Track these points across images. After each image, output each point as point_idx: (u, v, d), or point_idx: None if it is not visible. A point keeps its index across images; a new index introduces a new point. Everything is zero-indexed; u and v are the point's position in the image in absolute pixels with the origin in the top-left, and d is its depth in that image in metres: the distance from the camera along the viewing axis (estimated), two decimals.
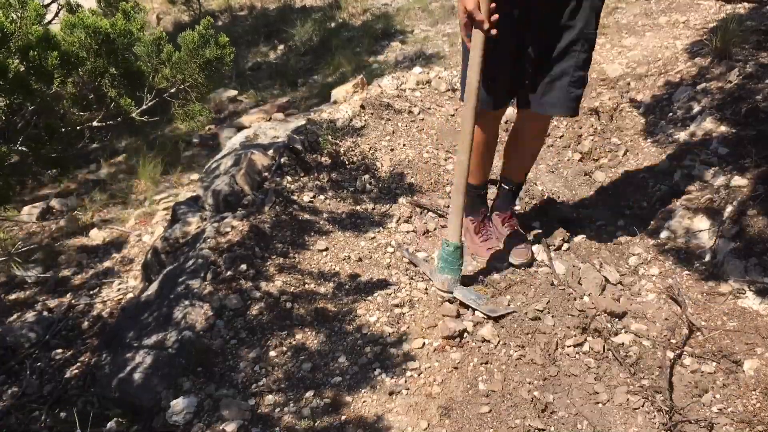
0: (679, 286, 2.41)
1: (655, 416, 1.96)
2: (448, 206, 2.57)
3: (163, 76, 2.12)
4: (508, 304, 2.31)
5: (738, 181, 2.58)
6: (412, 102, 3.76)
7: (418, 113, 3.67)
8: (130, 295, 3.04)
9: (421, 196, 3.01)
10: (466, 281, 2.39)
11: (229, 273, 2.46)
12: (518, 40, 2.17)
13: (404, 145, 3.40)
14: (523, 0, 2.09)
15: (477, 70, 2.08)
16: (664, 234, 2.65)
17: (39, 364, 2.63)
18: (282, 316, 2.34)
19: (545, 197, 3.09)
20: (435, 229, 2.83)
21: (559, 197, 3.09)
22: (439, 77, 4.11)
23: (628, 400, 2.02)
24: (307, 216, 2.80)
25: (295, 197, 2.87)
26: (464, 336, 2.23)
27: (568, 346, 2.19)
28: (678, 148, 3.03)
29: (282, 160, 3.02)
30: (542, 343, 2.21)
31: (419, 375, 2.12)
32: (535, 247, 2.63)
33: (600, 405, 2.01)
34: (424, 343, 2.23)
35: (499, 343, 2.21)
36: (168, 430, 2.02)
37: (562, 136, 3.54)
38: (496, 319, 2.23)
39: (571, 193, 3.12)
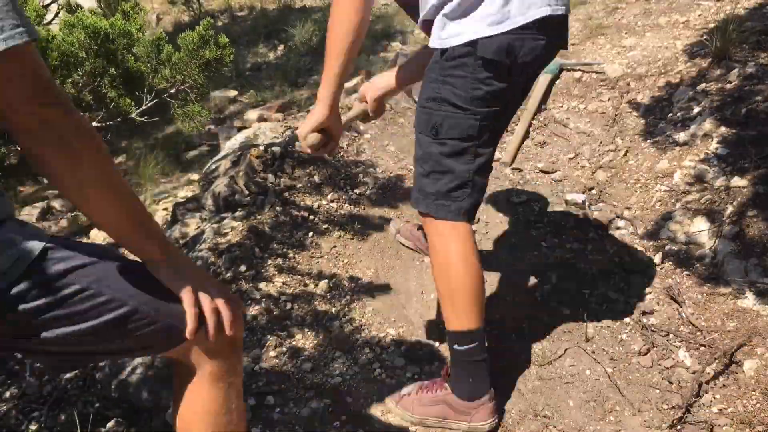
0: (679, 286, 2.41)
1: (655, 416, 1.96)
2: None
3: (163, 76, 2.12)
4: None
5: (738, 181, 2.58)
6: (412, 102, 3.75)
7: None
8: None
9: None
10: None
11: (228, 274, 2.46)
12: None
13: (404, 145, 3.40)
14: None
15: None
16: (664, 234, 2.64)
17: (38, 364, 2.62)
18: (281, 317, 2.34)
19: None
20: None
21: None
22: None
23: (632, 400, 2.01)
24: (306, 216, 2.79)
25: (294, 198, 2.87)
26: None
27: (568, 348, 2.20)
28: (678, 149, 3.03)
29: (282, 160, 3.02)
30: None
31: (419, 375, 2.12)
32: None
33: (603, 406, 2.01)
34: (425, 344, 2.23)
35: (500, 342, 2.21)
36: (168, 430, 2.02)
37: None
38: None
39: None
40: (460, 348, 1.79)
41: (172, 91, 2.18)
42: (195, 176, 4.18)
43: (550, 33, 1.64)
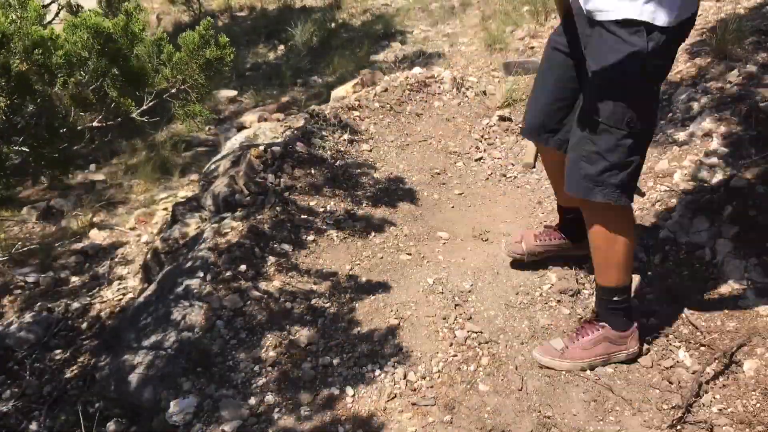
0: (679, 286, 2.41)
1: (655, 416, 1.96)
2: None
3: (164, 76, 2.12)
4: None
5: (738, 181, 2.58)
6: (411, 102, 3.76)
7: (418, 114, 3.67)
8: (130, 295, 3.04)
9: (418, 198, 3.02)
10: None
11: (228, 273, 2.46)
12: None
13: (404, 145, 3.40)
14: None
15: None
16: (663, 234, 2.65)
17: (38, 364, 2.63)
18: (281, 316, 2.34)
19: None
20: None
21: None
22: (440, 77, 4.11)
23: (632, 400, 2.01)
24: (305, 216, 2.80)
25: (294, 198, 2.87)
26: (467, 338, 2.24)
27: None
28: (678, 149, 3.03)
29: (281, 160, 3.02)
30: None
31: (420, 376, 2.12)
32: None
33: (603, 406, 2.01)
34: (424, 344, 2.23)
35: (502, 343, 2.21)
36: (168, 430, 2.02)
37: None
38: None
39: None
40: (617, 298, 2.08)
41: (173, 90, 2.18)
42: (195, 176, 4.18)
43: None
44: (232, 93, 5.44)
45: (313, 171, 3.04)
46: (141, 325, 2.42)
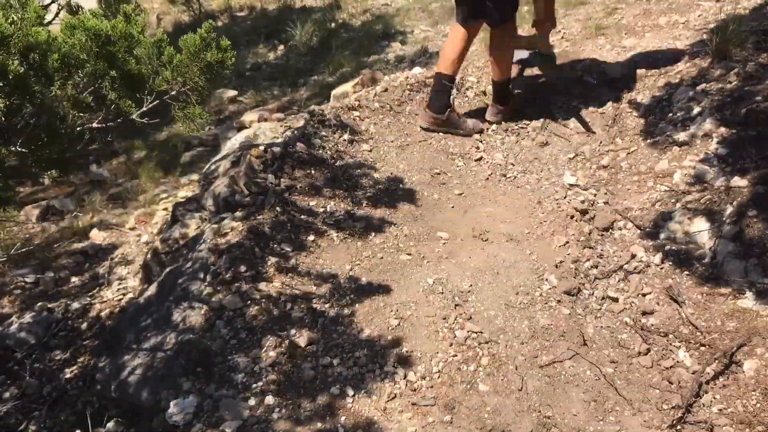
0: (679, 286, 2.41)
1: (655, 416, 1.96)
2: None
3: (164, 78, 2.12)
4: None
5: (738, 181, 2.58)
6: (411, 102, 3.75)
7: (418, 114, 3.67)
8: (130, 296, 3.04)
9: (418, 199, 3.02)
10: None
11: (228, 274, 2.46)
12: None
13: (404, 145, 3.40)
14: None
15: None
16: (663, 234, 2.64)
17: (38, 364, 2.63)
18: (281, 317, 2.34)
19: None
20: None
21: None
22: None
23: (632, 400, 2.02)
24: (305, 217, 2.80)
25: (294, 198, 2.87)
26: (467, 338, 2.24)
27: (568, 348, 2.20)
28: (678, 149, 3.03)
29: (281, 160, 3.02)
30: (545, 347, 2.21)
31: (420, 376, 2.12)
32: None
33: (603, 406, 2.01)
34: (424, 344, 2.23)
35: (502, 343, 2.21)
36: (167, 430, 2.02)
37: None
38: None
39: None
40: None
41: (173, 92, 2.18)
42: (195, 176, 4.18)
43: None
44: (232, 93, 5.43)
45: (313, 171, 3.04)
46: (141, 325, 2.42)
